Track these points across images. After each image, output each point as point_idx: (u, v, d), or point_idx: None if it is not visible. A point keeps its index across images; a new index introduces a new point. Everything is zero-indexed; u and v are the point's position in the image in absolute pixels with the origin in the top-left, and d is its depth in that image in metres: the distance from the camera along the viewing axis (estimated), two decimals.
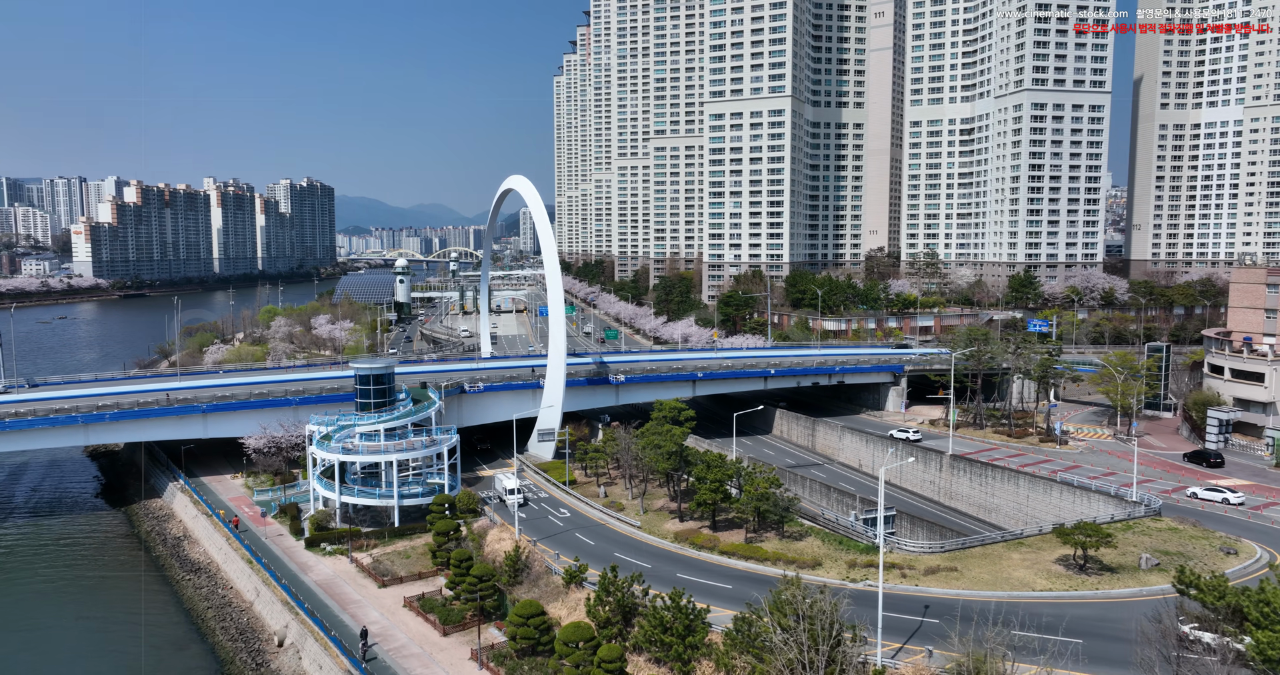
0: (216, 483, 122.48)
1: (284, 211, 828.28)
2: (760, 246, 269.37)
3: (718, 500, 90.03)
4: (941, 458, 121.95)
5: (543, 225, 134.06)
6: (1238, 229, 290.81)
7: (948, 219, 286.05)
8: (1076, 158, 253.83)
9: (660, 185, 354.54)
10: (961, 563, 77.93)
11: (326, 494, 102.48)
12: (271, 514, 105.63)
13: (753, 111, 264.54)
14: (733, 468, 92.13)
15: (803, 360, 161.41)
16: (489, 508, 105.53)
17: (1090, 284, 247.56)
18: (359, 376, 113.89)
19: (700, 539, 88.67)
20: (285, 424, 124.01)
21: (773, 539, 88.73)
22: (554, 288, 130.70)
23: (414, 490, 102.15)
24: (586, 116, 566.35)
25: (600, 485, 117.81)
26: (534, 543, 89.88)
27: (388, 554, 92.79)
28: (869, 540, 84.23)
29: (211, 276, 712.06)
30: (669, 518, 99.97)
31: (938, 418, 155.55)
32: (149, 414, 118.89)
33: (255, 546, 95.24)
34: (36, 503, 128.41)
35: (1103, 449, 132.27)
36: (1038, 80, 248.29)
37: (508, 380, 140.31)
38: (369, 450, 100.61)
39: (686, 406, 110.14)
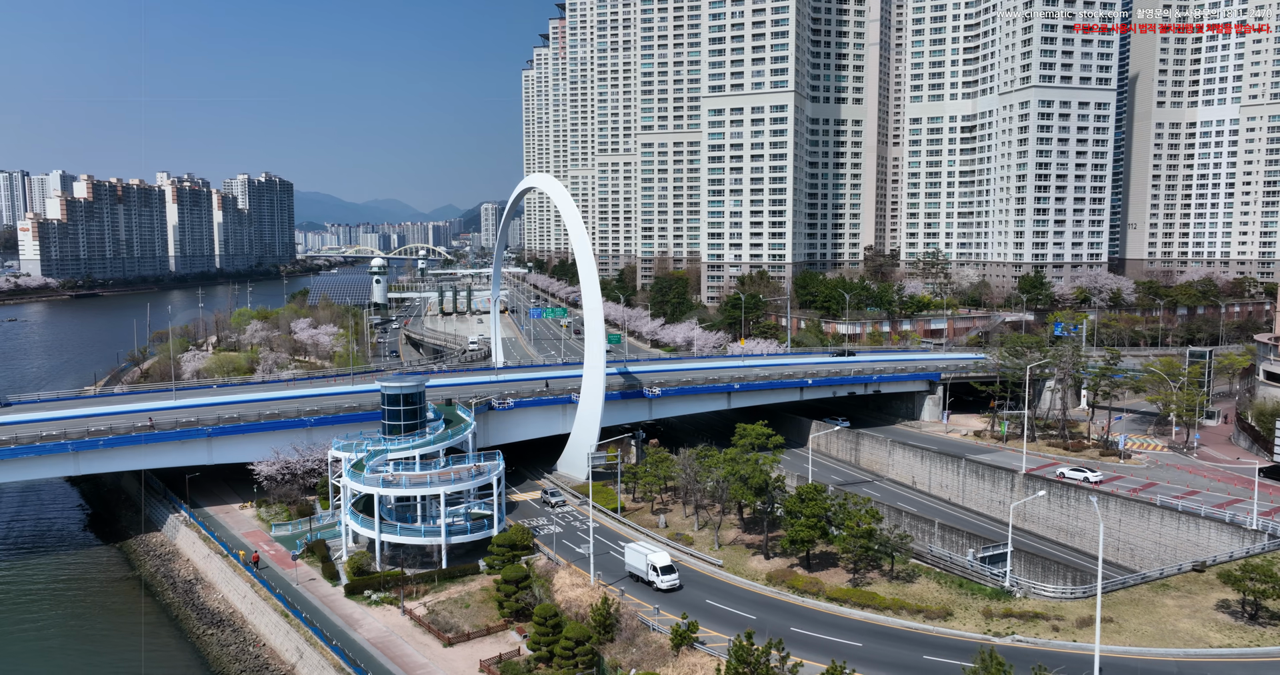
0: (224, 514, 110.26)
1: (242, 208, 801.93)
2: (762, 246, 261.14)
3: (815, 538, 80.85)
4: (1013, 477, 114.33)
5: (576, 229, 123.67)
6: (1234, 228, 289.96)
7: (948, 218, 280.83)
8: (1083, 155, 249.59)
9: (648, 182, 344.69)
10: (1112, 611, 69.79)
11: (362, 531, 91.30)
12: (297, 553, 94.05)
13: (754, 107, 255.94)
14: (829, 500, 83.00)
15: (840, 369, 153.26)
16: (539, 541, 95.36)
17: (1098, 284, 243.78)
18: (387, 396, 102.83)
19: (799, 582, 79.49)
20: (299, 447, 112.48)
21: (880, 581, 79.92)
22: (591, 296, 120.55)
23: (462, 525, 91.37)
24: (561, 111, 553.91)
25: (654, 512, 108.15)
26: (621, 592, 79.67)
27: (442, 603, 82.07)
28: (994, 583, 75.75)
29: (167, 275, 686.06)
30: (749, 553, 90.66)
31: (981, 429, 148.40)
32: (147, 440, 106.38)
33: (287, 595, 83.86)
34: (17, 537, 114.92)
35: (1167, 463, 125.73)
36: (1045, 77, 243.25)
37: (538, 395, 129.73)
38: (413, 482, 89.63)
39: (773, 431, 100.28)
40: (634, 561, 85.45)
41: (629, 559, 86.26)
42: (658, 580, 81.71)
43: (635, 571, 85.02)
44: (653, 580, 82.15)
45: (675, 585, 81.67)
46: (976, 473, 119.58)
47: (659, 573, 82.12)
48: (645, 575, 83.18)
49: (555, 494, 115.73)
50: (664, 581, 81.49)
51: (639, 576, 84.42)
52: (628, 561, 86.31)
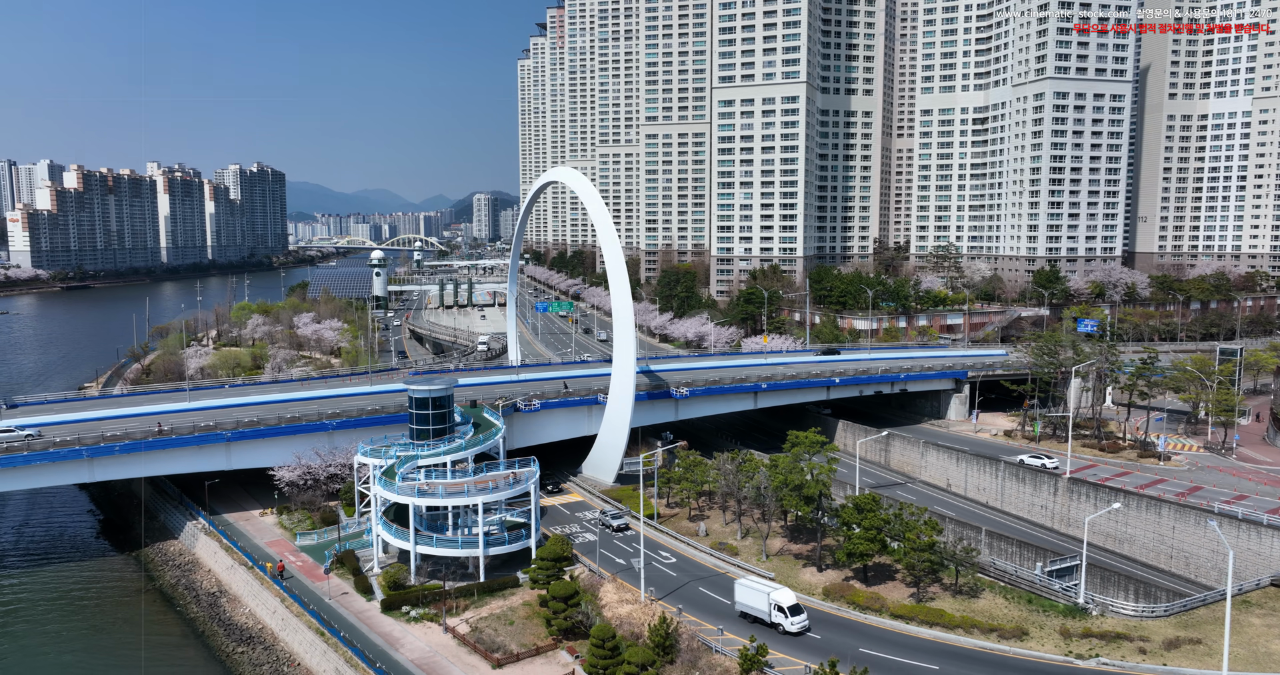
0: (244, 521, 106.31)
1: (234, 198, 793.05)
2: (772, 240, 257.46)
3: (874, 551, 77.55)
4: (1056, 481, 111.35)
5: (605, 226, 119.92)
6: (1245, 222, 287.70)
7: (959, 211, 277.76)
8: (1097, 149, 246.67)
9: (651, 174, 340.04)
10: (1197, 630, 66.79)
11: (395, 542, 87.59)
12: (327, 566, 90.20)
13: (765, 98, 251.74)
14: (887, 513, 79.67)
15: (868, 367, 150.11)
16: (577, 551, 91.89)
17: (1112, 278, 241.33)
18: (415, 399, 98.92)
19: (859, 597, 76.24)
20: (321, 451, 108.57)
21: (943, 596, 76.76)
22: (620, 296, 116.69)
23: (499, 535, 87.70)
24: (559, 101, 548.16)
25: (691, 518, 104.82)
26: (679, 610, 75.98)
27: (485, 619, 78.50)
28: (1066, 599, 72.63)
29: (159, 266, 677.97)
30: (799, 564, 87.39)
31: (1011, 428, 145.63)
32: (164, 445, 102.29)
33: (321, 611, 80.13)
34: (28, 545, 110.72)
35: (1208, 464, 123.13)
36: (1060, 68, 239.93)
37: (564, 396, 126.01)
38: (449, 492, 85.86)
39: (826, 439, 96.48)
40: (749, 600, 74.11)
41: (741, 597, 74.98)
42: (786, 623, 71.04)
43: (750, 611, 74.18)
44: (778, 622, 71.55)
45: (806, 627, 71.58)
46: (1017, 476, 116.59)
47: (787, 614, 71.19)
48: (767, 616, 72.45)
49: (618, 516, 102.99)
50: (794, 624, 70.92)
51: (755, 617, 73.83)
52: (739, 600, 75.20)
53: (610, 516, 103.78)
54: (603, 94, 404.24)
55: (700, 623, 73.67)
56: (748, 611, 74.69)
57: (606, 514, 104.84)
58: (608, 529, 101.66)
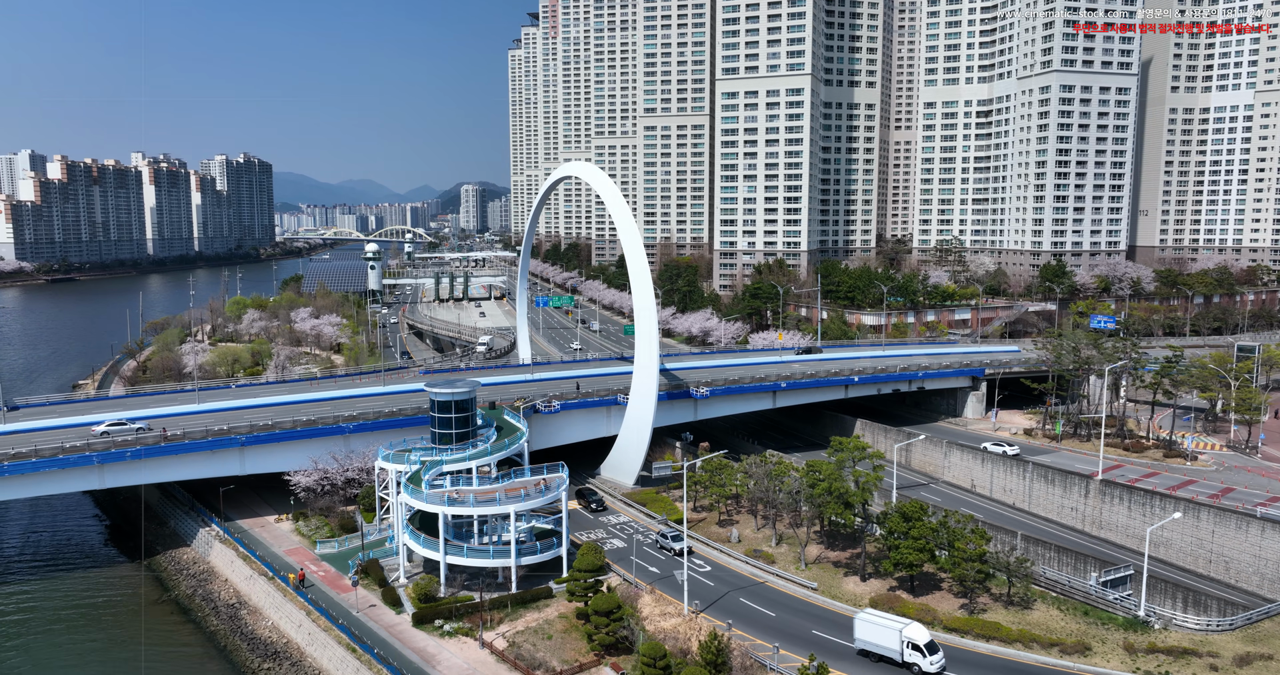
0: (259, 528, 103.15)
1: (220, 189, 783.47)
2: (776, 234, 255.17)
3: (924, 561, 75.39)
4: (1088, 483, 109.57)
5: (625, 223, 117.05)
6: (1246, 216, 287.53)
7: (962, 204, 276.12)
8: (1103, 142, 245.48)
9: (650, 166, 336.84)
10: (1266, 645, 65.03)
11: (423, 552, 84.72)
12: (353, 577, 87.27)
13: (769, 90, 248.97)
14: (934, 520, 77.47)
15: (887, 365, 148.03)
16: (608, 559, 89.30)
17: (1118, 273, 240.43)
18: (437, 402, 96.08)
19: (909, 609, 74.05)
20: (337, 456, 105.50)
21: (995, 607, 74.72)
22: (643, 295, 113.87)
23: (531, 544, 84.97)
24: (551, 92, 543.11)
25: (721, 523, 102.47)
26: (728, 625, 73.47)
27: (521, 633, 75.89)
28: (1124, 611, 70.68)
29: (145, 258, 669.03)
30: (839, 573, 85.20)
31: (1030, 427, 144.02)
32: (176, 450, 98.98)
33: (350, 624, 77.28)
34: (36, 551, 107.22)
35: (1235, 464, 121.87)
36: (1067, 61, 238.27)
37: (583, 397, 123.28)
38: (481, 500, 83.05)
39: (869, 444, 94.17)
40: (875, 637, 67.56)
41: (865, 634, 68.35)
42: (923, 662, 64.82)
43: (875, 649, 68.04)
44: (913, 662, 65.30)
45: (944, 666, 65.65)
46: (1045, 477, 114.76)
47: (924, 652, 64.97)
48: (898, 655, 66.27)
49: (678, 538, 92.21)
50: (933, 663, 64.78)
51: (882, 655, 67.66)
52: (861, 637, 68.62)
53: (670, 538, 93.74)
54: (598, 85, 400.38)
55: (748, 637, 71.29)
56: (872, 649, 68.35)
57: (666, 536, 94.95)
58: (667, 552, 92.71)
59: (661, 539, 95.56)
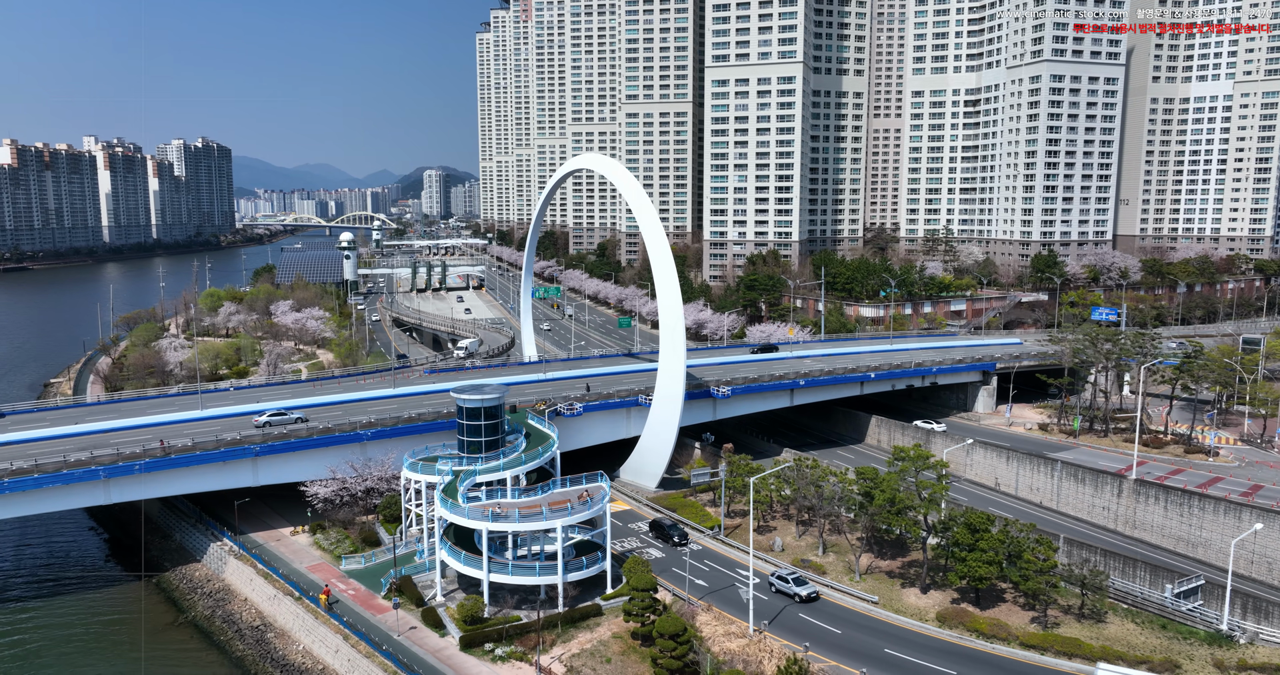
0: (274, 541, 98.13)
1: (179, 175, 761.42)
2: (767, 223, 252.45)
3: (994, 574, 73.15)
4: (1120, 482, 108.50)
5: (649, 220, 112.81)
6: (1224, 205, 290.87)
7: (950, 194, 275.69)
8: (1091, 132, 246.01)
9: (632, 154, 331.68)
10: None
11: (465, 570, 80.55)
12: (390, 596, 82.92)
13: (760, 78, 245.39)
14: (1002, 532, 75.14)
15: (902, 361, 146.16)
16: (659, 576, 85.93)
17: (1106, 263, 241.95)
18: (466, 409, 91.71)
19: (980, 624, 71.81)
20: (355, 464, 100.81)
21: (1067, 620, 72.78)
22: (668, 295, 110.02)
23: (577, 560, 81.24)
24: (524, 77, 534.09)
25: (758, 530, 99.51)
26: (805, 648, 70.28)
27: (577, 657, 72.34)
28: (1205, 625, 69.04)
29: (101, 246, 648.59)
30: (895, 584, 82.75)
31: (1045, 422, 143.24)
32: (187, 462, 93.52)
33: (393, 649, 73.11)
34: (34, 569, 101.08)
35: (1256, 460, 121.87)
36: (1057, 51, 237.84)
37: (604, 398, 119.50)
38: (526, 515, 79.09)
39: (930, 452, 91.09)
40: None
41: None
42: None
43: None
44: None
45: None
46: (1075, 476, 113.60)
47: None
48: None
49: (800, 582, 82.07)
50: None
51: None
52: None
53: (790, 581, 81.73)
54: (575, 70, 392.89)
55: (821, 658, 68.48)
56: None
57: (785, 579, 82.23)
58: (786, 595, 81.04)
59: (778, 582, 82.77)
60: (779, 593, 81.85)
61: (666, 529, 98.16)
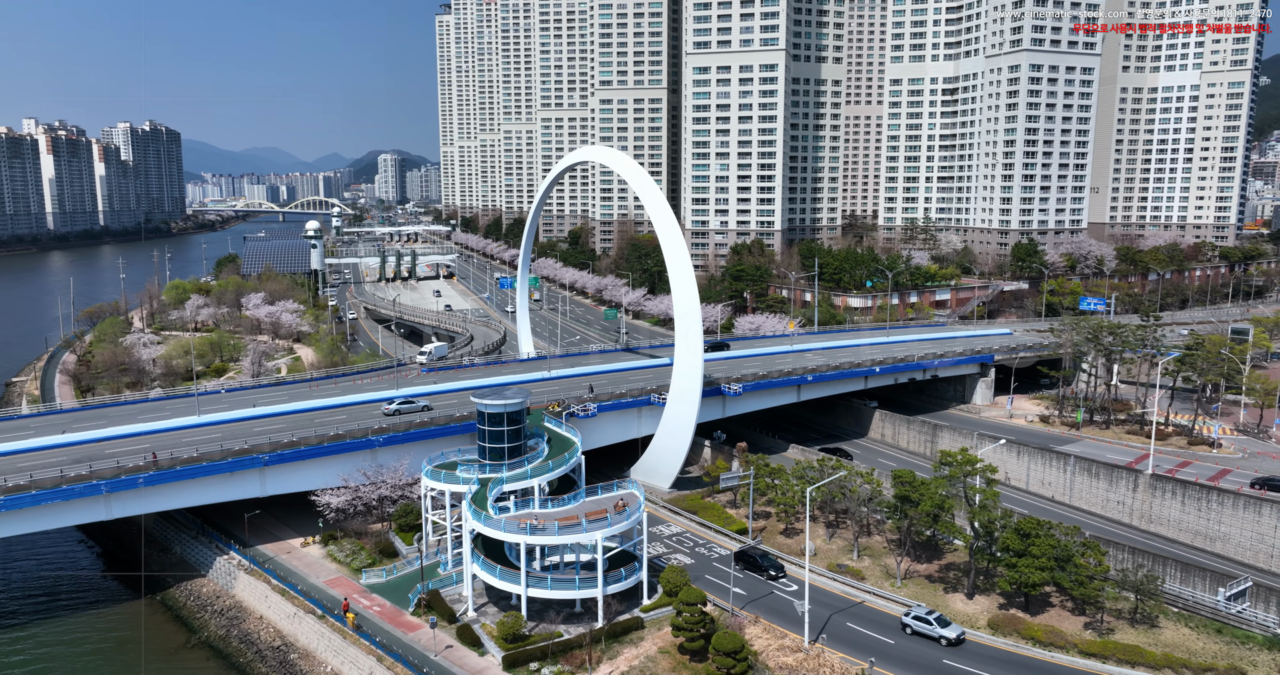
0: (284, 554, 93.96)
1: (126, 159, 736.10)
2: (749, 212, 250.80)
3: (1048, 581, 72.25)
4: (1136, 477, 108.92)
5: (662, 213, 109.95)
6: (1190, 193, 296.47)
7: (928, 182, 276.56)
8: (1068, 121, 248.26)
9: (606, 141, 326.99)
10: None
11: (502, 585, 77.48)
12: (410, 609, 79.72)
13: (743, 65, 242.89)
14: (1050, 537, 74.19)
15: (906, 354, 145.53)
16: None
17: (1083, 251, 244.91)
18: (487, 415, 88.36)
19: (1036, 632, 70.93)
20: (367, 471, 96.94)
21: (1119, 625, 72.25)
22: (685, 293, 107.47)
23: (617, 572, 78.67)
24: (488, 60, 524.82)
25: (785, 533, 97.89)
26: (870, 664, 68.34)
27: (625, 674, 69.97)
28: (1263, 629, 68.95)
29: (45, 234, 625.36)
30: (937, 589, 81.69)
31: (1047, 414, 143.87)
32: (192, 474, 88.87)
33: (431, 671, 70.00)
34: (25, 586, 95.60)
35: (1259, 451, 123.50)
36: (1035, 41, 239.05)
37: (617, 398, 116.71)
38: (565, 527, 76.24)
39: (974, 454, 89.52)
40: None
41: None
42: None
43: None
44: None
45: None
46: (1089, 470, 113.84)
47: None
48: None
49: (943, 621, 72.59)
50: None
51: None
52: None
53: (934, 622, 72.02)
54: (544, 55, 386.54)
55: (885, 673, 66.93)
56: None
57: (926, 618, 72.46)
58: (927, 638, 71.93)
59: (917, 623, 72.70)
60: (916, 634, 72.57)
61: (758, 561, 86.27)
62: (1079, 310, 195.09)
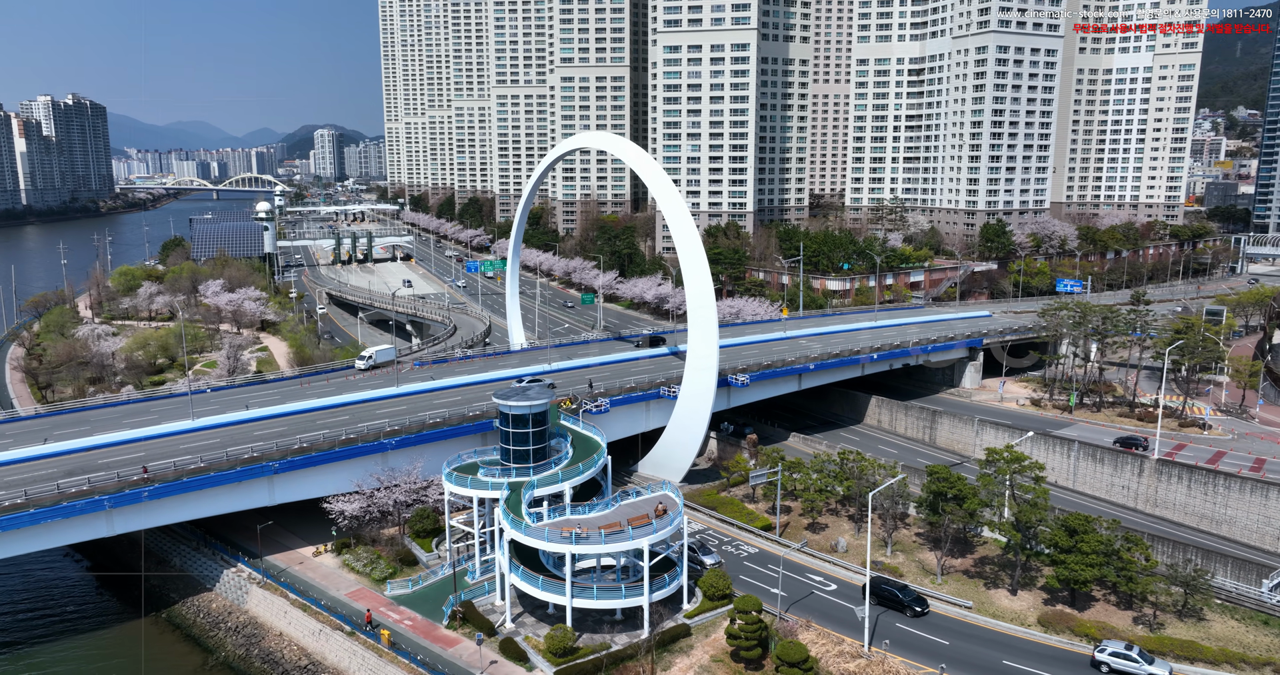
0: (297, 565, 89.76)
1: (48, 135, 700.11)
2: (721, 194, 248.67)
3: (1098, 577, 72.43)
4: (1142, 462, 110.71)
5: (670, 196, 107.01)
6: (1143, 173, 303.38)
7: (894, 163, 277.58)
8: (1032, 103, 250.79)
9: (568, 119, 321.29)
10: None
11: (544, 596, 74.86)
12: (445, 622, 76.71)
13: (714, 45, 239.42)
14: (1102, 536, 74.30)
15: (901, 340, 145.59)
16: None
17: (1047, 231, 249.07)
18: (511, 416, 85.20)
19: (1089, 628, 71.15)
20: (379, 476, 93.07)
21: (1167, 619, 72.94)
22: (699, 285, 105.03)
23: (661, 579, 76.55)
24: (437, 35, 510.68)
25: (810, 528, 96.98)
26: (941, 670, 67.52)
27: None
28: None
29: None
30: (976, 584, 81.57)
31: (1038, 397, 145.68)
32: (200, 485, 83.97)
33: None
34: (14, 606, 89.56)
35: (1246, 432, 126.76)
36: (1003, 22, 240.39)
37: (627, 392, 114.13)
38: (611, 536, 73.74)
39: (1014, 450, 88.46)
40: None
41: None
42: None
43: None
44: None
45: None
46: (1093, 455, 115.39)
47: None
48: None
49: (1148, 657, 66.13)
50: None
51: None
52: None
53: (1140, 657, 65.38)
54: (499, 30, 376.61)
55: (917, 666, 66.40)
56: None
57: (1127, 655, 65.69)
58: None
59: (1118, 660, 65.93)
60: (1113, 672, 66.20)
61: (897, 596, 77.00)
62: (1055, 292, 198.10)
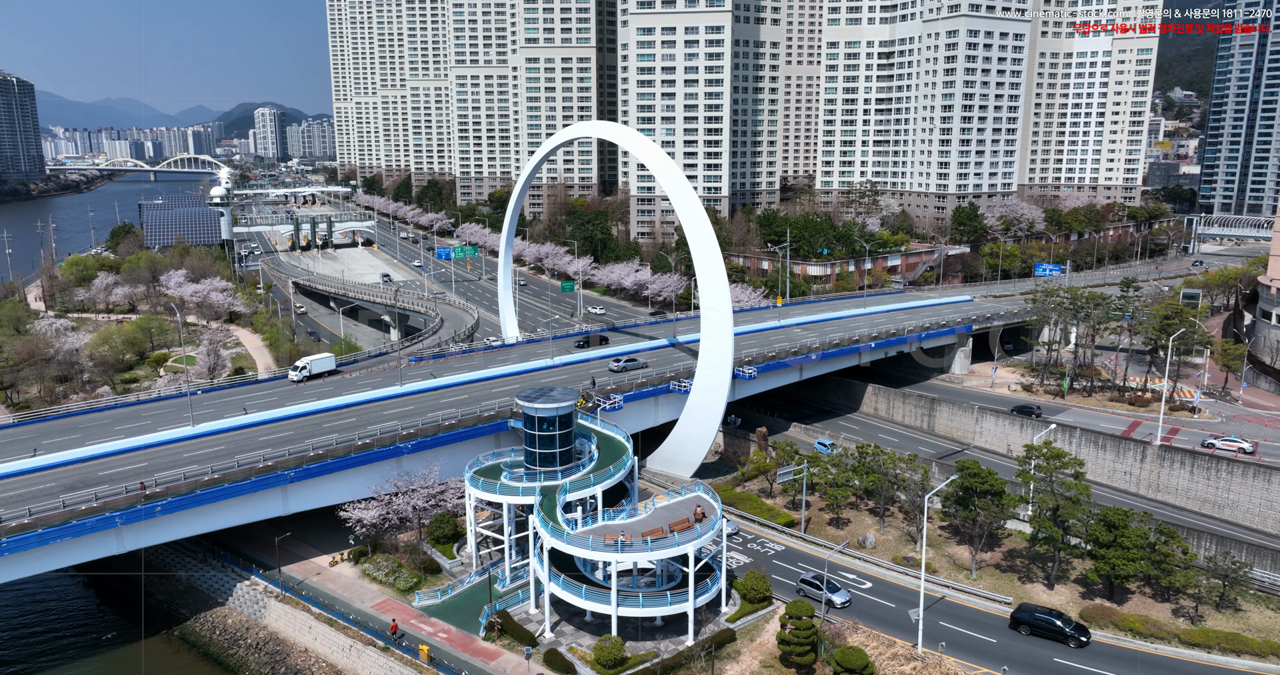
0: (314, 575, 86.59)
1: None
2: (696, 178, 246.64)
3: (1139, 572, 73.15)
4: (1145, 448, 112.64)
5: (679, 186, 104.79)
6: (1102, 156, 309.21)
7: (864, 146, 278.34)
8: (1001, 86, 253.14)
9: (533, 101, 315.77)
10: None
11: (588, 605, 73.07)
12: (482, 634, 74.64)
13: (688, 27, 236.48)
14: (1140, 530, 74.99)
15: (896, 328, 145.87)
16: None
17: (1016, 214, 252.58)
18: (537, 419, 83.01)
19: (1133, 623, 71.87)
20: (396, 481, 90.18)
21: (1206, 612, 74.09)
22: (712, 276, 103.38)
23: (703, 585, 75.35)
24: (389, 12, 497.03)
25: (832, 523, 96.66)
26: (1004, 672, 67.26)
27: None
28: None
29: None
30: (1010, 578, 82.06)
31: (1030, 383, 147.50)
32: (213, 497, 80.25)
33: None
34: (16, 630, 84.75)
35: (1235, 415, 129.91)
36: (974, 5, 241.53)
37: (637, 387, 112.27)
38: (656, 543, 72.18)
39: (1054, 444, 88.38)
40: None
41: None
42: None
43: None
44: None
45: None
46: (1095, 441, 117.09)
47: None
48: None
49: None
50: None
51: None
52: None
53: None
54: (458, 8, 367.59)
55: (973, 666, 66.54)
56: None
57: None
58: None
59: None
60: None
61: (1056, 626, 70.82)
62: (1031, 275, 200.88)
